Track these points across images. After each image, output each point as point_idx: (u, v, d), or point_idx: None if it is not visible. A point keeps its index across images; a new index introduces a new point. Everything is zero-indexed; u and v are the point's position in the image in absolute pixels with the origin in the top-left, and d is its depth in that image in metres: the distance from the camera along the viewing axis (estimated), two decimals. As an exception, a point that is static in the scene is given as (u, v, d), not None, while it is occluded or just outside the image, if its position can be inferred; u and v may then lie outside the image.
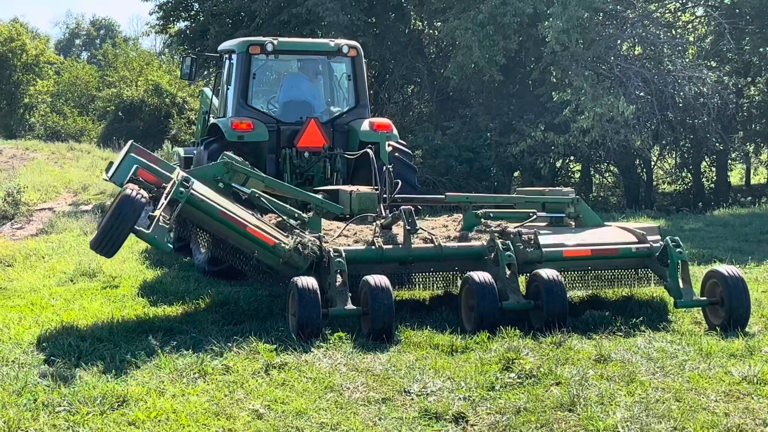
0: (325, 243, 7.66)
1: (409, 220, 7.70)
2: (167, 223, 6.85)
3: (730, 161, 22.17)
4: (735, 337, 6.90)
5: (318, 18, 19.44)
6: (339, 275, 7.20)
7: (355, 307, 7.04)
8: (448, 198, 8.95)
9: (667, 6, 20.31)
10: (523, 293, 7.47)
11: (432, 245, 7.80)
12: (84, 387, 5.62)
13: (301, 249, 7.41)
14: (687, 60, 18.73)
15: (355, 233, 8.11)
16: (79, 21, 73.30)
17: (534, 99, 19.30)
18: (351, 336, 6.79)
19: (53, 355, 6.41)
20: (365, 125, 10.32)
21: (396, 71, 21.93)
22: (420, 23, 23.07)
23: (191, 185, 7.21)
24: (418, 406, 5.36)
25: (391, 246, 7.76)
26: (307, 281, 6.92)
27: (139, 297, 8.78)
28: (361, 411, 5.32)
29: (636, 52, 19.27)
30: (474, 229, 8.12)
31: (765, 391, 5.58)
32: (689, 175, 22.27)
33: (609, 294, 8.52)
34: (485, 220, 8.21)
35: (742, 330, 7.12)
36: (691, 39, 20.63)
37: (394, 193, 8.66)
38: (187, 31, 23.93)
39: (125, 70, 38.63)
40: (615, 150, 17.79)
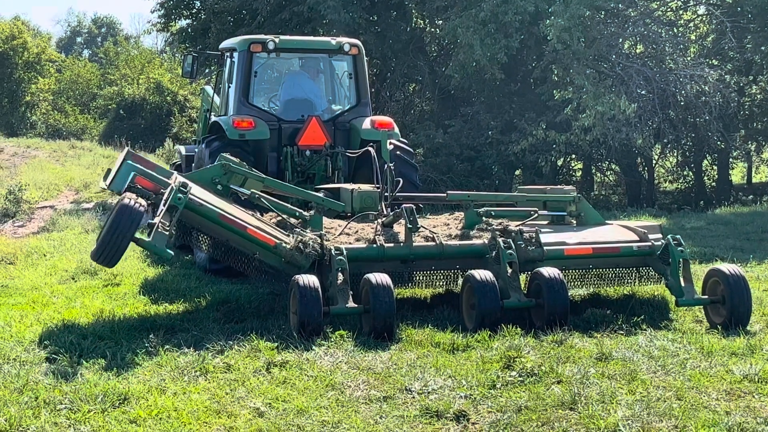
0: (327, 241, 7.66)
1: (411, 218, 7.70)
2: (167, 230, 6.85)
3: (731, 160, 22.10)
4: (736, 336, 6.89)
5: (319, 16, 19.42)
6: (340, 273, 7.20)
7: (357, 306, 7.05)
8: (449, 196, 8.95)
9: (669, 4, 20.30)
10: (525, 291, 7.47)
11: (433, 243, 7.80)
12: (85, 385, 5.63)
13: (303, 248, 7.41)
14: (689, 58, 18.72)
15: (357, 231, 8.11)
16: (81, 19, 73.43)
17: (535, 97, 19.29)
18: (352, 334, 6.80)
19: (54, 353, 6.41)
20: (367, 123, 10.31)
21: (397, 69, 21.91)
22: (421, 21, 23.03)
23: (189, 190, 7.20)
24: (419, 404, 5.36)
25: (393, 244, 7.76)
26: (309, 279, 6.92)
27: (141, 295, 8.78)
28: (362, 409, 5.32)
29: (637, 50, 19.26)
30: (475, 228, 8.12)
31: (766, 390, 5.58)
32: (691, 174, 22.24)
33: (610, 292, 8.52)
34: (486, 218, 8.21)
35: (743, 329, 7.11)
36: (693, 37, 20.60)
37: (395, 192, 8.66)
38: (189, 29, 23.90)
39: (127, 68, 38.69)
40: (616, 148, 17.78)
